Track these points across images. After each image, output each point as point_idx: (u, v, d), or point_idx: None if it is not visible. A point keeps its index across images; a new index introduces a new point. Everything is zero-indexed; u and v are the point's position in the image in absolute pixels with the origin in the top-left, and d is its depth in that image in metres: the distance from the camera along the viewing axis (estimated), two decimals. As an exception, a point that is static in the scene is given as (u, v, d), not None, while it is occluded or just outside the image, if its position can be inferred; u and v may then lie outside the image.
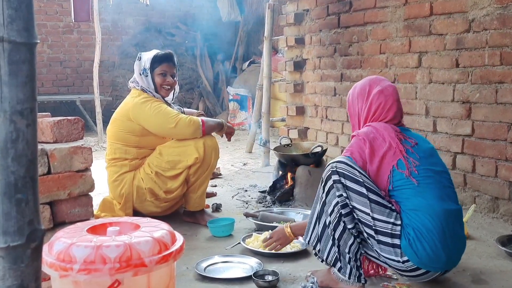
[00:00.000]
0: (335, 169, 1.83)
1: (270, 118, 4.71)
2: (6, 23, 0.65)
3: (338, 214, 1.80)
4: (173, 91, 2.82)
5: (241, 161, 4.80)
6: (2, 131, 0.68)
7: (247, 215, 2.71)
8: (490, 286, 1.93)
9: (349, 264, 1.82)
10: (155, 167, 2.66)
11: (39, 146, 1.66)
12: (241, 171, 4.29)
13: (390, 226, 1.76)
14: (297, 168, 3.19)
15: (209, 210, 3.01)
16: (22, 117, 0.69)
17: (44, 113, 2.13)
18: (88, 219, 1.71)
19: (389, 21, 3.43)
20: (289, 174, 3.25)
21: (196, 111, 3.11)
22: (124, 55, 7.98)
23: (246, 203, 3.24)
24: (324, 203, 1.85)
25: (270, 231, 2.42)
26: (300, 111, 4.55)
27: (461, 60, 2.92)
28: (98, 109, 5.97)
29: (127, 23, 7.96)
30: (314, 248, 1.89)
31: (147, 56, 2.72)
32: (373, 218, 1.78)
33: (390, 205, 1.78)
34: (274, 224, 2.60)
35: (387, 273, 2.01)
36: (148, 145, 2.73)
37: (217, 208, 3.07)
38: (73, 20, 5.48)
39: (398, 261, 1.77)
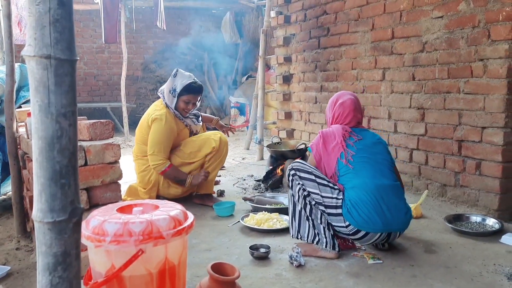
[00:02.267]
0: (291, 167, 1.92)
1: (264, 121, 4.75)
2: (53, 44, 0.67)
3: (303, 197, 1.86)
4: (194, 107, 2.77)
5: (241, 156, 4.83)
6: (50, 129, 0.69)
7: (245, 199, 2.72)
8: (439, 255, 1.94)
9: (325, 236, 1.85)
10: (178, 158, 2.64)
11: (78, 143, 1.65)
12: (241, 164, 4.31)
13: (334, 200, 1.82)
14: (285, 161, 3.23)
15: (214, 195, 3.00)
16: (65, 118, 0.70)
17: (81, 117, 2.13)
18: (117, 202, 1.71)
19: (359, 43, 3.43)
20: (278, 166, 3.29)
21: (214, 117, 3.11)
22: (146, 70, 7.93)
23: (245, 190, 3.25)
24: (292, 196, 1.90)
25: (264, 212, 2.43)
26: (288, 115, 4.54)
27: (416, 75, 2.93)
28: (125, 114, 5.97)
29: (148, 44, 7.93)
30: (298, 238, 1.91)
31: (181, 81, 2.61)
32: (322, 196, 1.84)
33: (334, 186, 1.85)
34: (267, 206, 2.61)
35: (356, 244, 2.02)
36: (173, 145, 2.69)
37: (221, 193, 3.07)
38: (104, 42, 5.50)
39: (343, 226, 1.81)
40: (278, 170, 3.25)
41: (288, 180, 1.92)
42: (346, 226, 1.81)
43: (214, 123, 3.11)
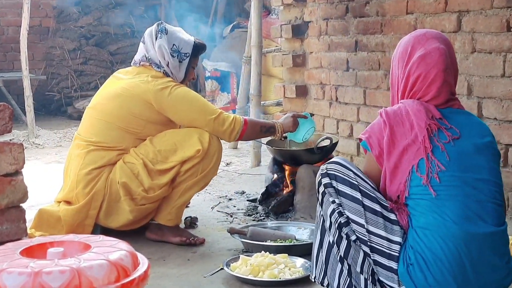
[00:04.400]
0: (325, 171, 1.96)
1: (261, 101, 4.68)
2: None
3: (337, 226, 1.91)
4: None
5: (223, 160, 4.61)
6: None
7: (232, 231, 2.76)
8: None
9: None
10: (141, 155, 2.77)
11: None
12: (224, 173, 4.30)
13: (387, 243, 1.85)
14: (298, 168, 3.24)
15: (181, 226, 3.07)
16: None
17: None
18: (20, 239, 1.72)
19: (418, -31, 3.48)
20: (287, 177, 3.29)
21: None
22: (63, 18, 7.95)
23: (231, 216, 3.28)
24: (322, 218, 1.96)
25: (263, 252, 2.49)
26: (302, 91, 4.57)
27: (514, 21, 2.99)
28: (28, 92, 5.95)
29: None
30: (322, 284, 1.97)
31: (182, 36, 2.95)
32: (368, 231, 1.87)
33: (392, 216, 1.87)
34: (269, 243, 2.67)
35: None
36: (151, 135, 2.85)
37: (191, 222, 3.12)
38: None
39: None
40: (287, 183, 3.29)
41: (318, 191, 1.97)
42: None
43: None
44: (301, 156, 3.27)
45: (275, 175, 3.36)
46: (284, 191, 3.28)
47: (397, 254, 1.84)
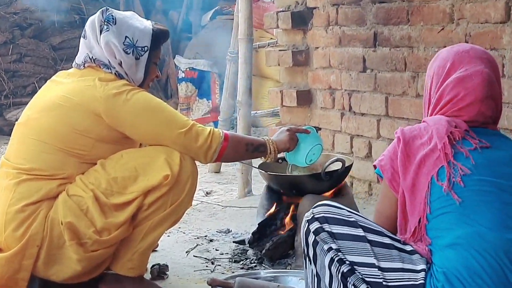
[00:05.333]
0: (311, 216, 2.06)
1: (252, 111, 4.66)
2: None
3: (340, 277, 1.97)
4: None
5: (202, 188, 4.75)
6: None
7: (213, 283, 2.72)
8: None
9: None
10: (91, 185, 2.74)
11: None
12: (202, 206, 4.31)
13: (407, 275, 1.92)
14: (300, 199, 3.26)
15: (146, 276, 3.03)
16: None
17: None
18: None
19: None
20: (287, 211, 3.30)
21: None
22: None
23: (212, 263, 3.28)
24: (318, 278, 2.04)
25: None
26: (304, 98, 4.57)
27: None
28: None
29: None
30: None
31: (136, 24, 2.90)
32: (381, 269, 1.93)
33: (407, 248, 1.99)
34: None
35: None
36: (101, 157, 2.82)
37: (159, 272, 3.11)
38: None
39: None
40: (286, 220, 3.29)
41: (307, 244, 2.05)
42: None
43: None
44: (304, 184, 3.28)
45: (270, 209, 3.37)
46: (282, 230, 3.28)
47: (422, 282, 1.90)
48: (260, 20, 5.55)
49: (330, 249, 1.97)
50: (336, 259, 1.95)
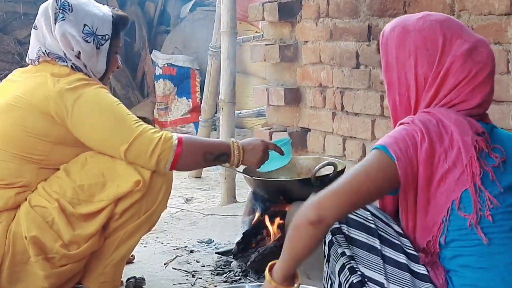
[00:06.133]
0: None
1: (236, 111, 4.69)
2: None
3: (347, 287, 1.93)
4: None
5: (182, 195, 4.80)
6: None
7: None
8: None
9: None
10: (55, 194, 2.69)
11: None
12: (182, 213, 4.33)
13: None
14: (289, 206, 3.24)
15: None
16: None
17: None
18: None
19: None
20: (273, 219, 3.25)
21: None
22: None
23: (193, 276, 3.25)
24: (330, 281, 2.00)
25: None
26: (293, 97, 4.49)
27: None
28: None
29: None
30: None
31: (95, 11, 2.83)
32: None
33: (421, 269, 1.90)
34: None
35: None
36: (62, 162, 2.78)
37: (135, 286, 3.08)
38: None
39: None
40: (273, 229, 3.25)
41: (324, 241, 1.99)
42: None
43: None
44: (293, 190, 3.26)
45: (256, 217, 3.33)
46: (269, 240, 3.24)
47: None
48: (245, 12, 5.48)
49: (343, 254, 1.92)
50: (347, 266, 1.90)
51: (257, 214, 3.32)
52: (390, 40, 2.03)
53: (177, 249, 3.58)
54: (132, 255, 3.34)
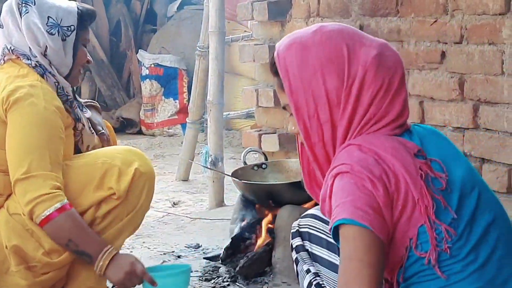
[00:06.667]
0: (296, 229, 2.05)
1: (224, 112, 4.65)
2: None
3: None
4: None
5: (169, 198, 4.78)
6: None
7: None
8: None
9: None
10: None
11: None
12: (170, 217, 4.30)
13: None
14: (278, 210, 3.23)
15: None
16: None
17: None
18: None
19: None
20: (263, 223, 3.26)
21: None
22: None
23: None
24: None
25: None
26: None
27: None
28: None
29: None
30: None
31: (59, 3, 2.80)
32: None
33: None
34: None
35: None
36: None
37: None
38: None
39: None
40: (262, 233, 3.25)
41: (292, 256, 2.03)
42: None
43: None
44: (282, 193, 3.26)
45: (245, 221, 3.32)
46: (258, 245, 3.23)
47: None
48: (233, 11, 5.46)
49: (308, 271, 1.95)
50: (314, 283, 1.94)
51: (245, 218, 3.31)
52: (288, 60, 1.87)
53: (164, 254, 3.58)
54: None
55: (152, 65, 7.09)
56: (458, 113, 3.40)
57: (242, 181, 3.30)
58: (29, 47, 2.71)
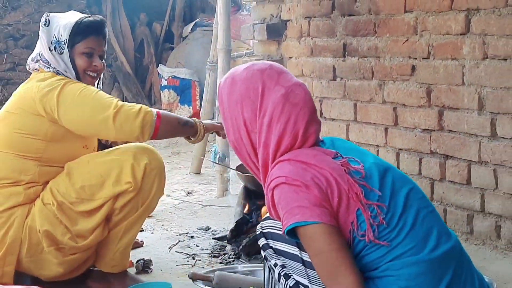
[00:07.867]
0: (259, 231, 2.05)
1: None
2: None
3: None
4: (99, 79, 2.95)
5: (184, 189, 4.82)
6: None
7: (194, 277, 2.75)
8: None
9: None
10: (60, 196, 2.73)
11: None
12: (184, 205, 4.34)
13: None
14: None
15: (132, 270, 3.05)
16: None
17: None
18: None
19: (418, -40, 3.52)
20: (263, 209, 3.32)
21: None
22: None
23: (193, 258, 3.32)
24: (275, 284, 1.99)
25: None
26: None
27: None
28: None
29: None
30: None
31: (63, 22, 2.80)
32: None
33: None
34: (239, 290, 2.68)
35: None
36: (58, 158, 2.80)
37: (144, 266, 3.13)
38: None
39: None
40: (261, 218, 3.08)
41: (262, 255, 2.04)
42: None
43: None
44: None
45: (248, 207, 3.40)
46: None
47: None
48: (238, 31, 5.52)
49: (276, 264, 1.93)
50: (282, 274, 1.91)
51: (248, 205, 3.41)
52: (222, 90, 2.00)
53: (179, 235, 3.66)
54: (141, 241, 3.46)
55: (170, 77, 7.14)
56: (426, 117, 3.50)
57: (245, 174, 3.36)
58: (46, 59, 2.79)
